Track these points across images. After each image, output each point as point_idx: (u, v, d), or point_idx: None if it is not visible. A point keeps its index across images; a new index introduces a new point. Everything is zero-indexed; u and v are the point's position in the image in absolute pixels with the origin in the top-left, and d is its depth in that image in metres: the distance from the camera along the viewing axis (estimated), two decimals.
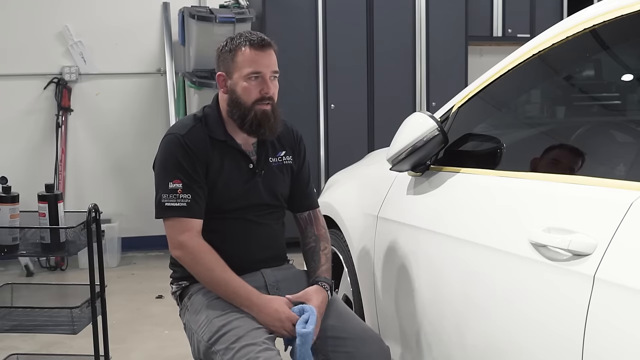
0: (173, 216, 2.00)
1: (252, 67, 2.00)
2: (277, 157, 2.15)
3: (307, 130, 5.00)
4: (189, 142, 2.02)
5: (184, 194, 1.98)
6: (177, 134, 2.04)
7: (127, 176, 5.31)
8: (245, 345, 1.85)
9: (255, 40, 2.01)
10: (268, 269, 2.12)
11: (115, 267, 4.86)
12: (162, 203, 2.00)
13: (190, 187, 1.99)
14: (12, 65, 5.08)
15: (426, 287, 1.93)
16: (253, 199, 2.08)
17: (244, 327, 1.91)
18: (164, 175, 2.01)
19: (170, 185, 1.99)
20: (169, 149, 2.04)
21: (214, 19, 4.75)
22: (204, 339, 1.94)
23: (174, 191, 1.99)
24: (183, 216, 1.99)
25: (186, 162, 2.00)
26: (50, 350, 3.24)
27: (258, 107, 2.02)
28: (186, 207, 1.99)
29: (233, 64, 2.03)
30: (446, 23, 5.25)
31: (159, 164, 2.05)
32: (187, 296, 2.09)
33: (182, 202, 1.98)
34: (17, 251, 2.43)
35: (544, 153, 1.78)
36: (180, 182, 1.99)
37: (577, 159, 1.69)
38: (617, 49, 1.70)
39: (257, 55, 2.00)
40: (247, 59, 2.00)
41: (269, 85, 2.02)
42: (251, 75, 2.01)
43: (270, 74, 2.02)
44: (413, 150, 1.96)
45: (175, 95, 5.22)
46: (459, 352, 1.78)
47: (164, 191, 2.00)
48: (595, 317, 1.29)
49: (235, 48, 2.02)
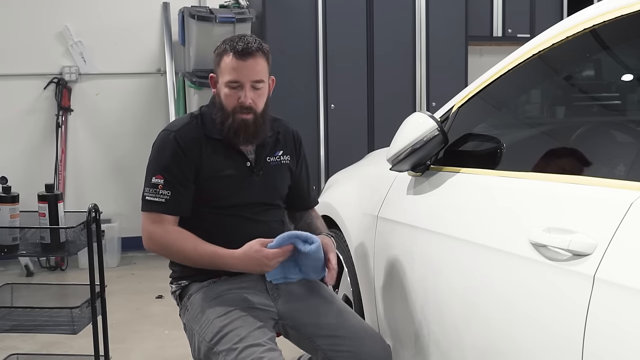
0: (150, 210, 2.05)
1: (231, 76, 2.02)
2: (275, 156, 2.16)
3: (307, 130, 5.00)
4: (180, 140, 2.05)
5: (164, 190, 2.03)
6: (170, 130, 2.09)
7: (127, 176, 5.30)
8: (248, 346, 1.85)
9: (239, 49, 2.00)
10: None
11: (115, 267, 4.87)
12: (143, 196, 2.07)
13: (171, 184, 2.03)
14: (12, 65, 5.08)
15: (426, 287, 1.93)
16: (250, 196, 2.09)
17: (245, 327, 1.91)
18: (151, 170, 2.07)
19: (153, 180, 2.04)
20: (159, 145, 2.08)
21: (214, 19, 4.75)
22: (206, 339, 1.94)
23: (155, 186, 2.04)
24: (159, 211, 2.04)
25: (173, 159, 2.04)
26: (50, 350, 3.24)
27: (238, 116, 2.04)
28: (164, 203, 2.03)
29: (219, 68, 2.06)
30: (446, 23, 5.25)
31: (150, 158, 2.10)
32: (186, 296, 2.09)
33: (161, 197, 2.03)
34: (17, 251, 2.44)
35: (544, 153, 1.78)
36: (162, 178, 2.03)
37: (577, 159, 1.69)
38: (617, 49, 1.70)
39: (238, 64, 2.01)
40: (228, 66, 2.02)
41: (247, 94, 2.02)
42: (230, 84, 2.03)
43: (250, 84, 2.02)
44: (413, 150, 1.96)
45: (175, 95, 5.22)
46: (459, 352, 1.78)
47: (147, 185, 2.06)
48: (595, 317, 1.29)
49: (222, 53, 2.05)
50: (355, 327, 2.05)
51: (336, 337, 2.02)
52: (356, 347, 2.00)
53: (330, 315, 2.06)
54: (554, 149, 1.82)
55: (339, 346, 2.01)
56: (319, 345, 2.03)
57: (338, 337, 2.02)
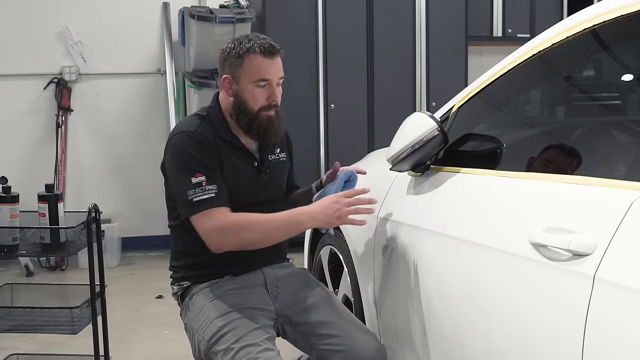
0: (205, 208, 1.94)
1: (262, 75, 2.01)
2: (274, 154, 2.19)
3: (307, 130, 5.01)
4: (202, 139, 2.01)
5: (209, 185, 1.95)
6: (186, 131, 2.02)
7: (127, 176, 5.31)
8: (245, 346, 1.86)
9: (266, 47, 2.00)
10: (268, 267, 2.13)
11: (115, 267, 4.87)
12: (190, 200, 1.95)
13: (212, 178, 1.97)
14: (12, 65, 5.08)
15: (426, 287, 1.93)
16: (261, 195, 2.10)
17: (243, 328, 1.92)
18: (185, 173, 1.97)
19: (194, 180, 1.95)
20: (181, 147, 2.00)
21: (214, 19, 4.75)
22: (205, 338, 1.95)
23: (198, 185, 1.95)
24: (215, 205, 1.95)
25: (203, 156, 1.98)
26: (50, 350, 3.24)
27: (264, 114, 2.03)
28: (215, 197, 1.95)
29: (241, 68, 2.02)
30: (446, 23, 5.25)
31: (175, 164, 2.01)
32: (188, 296, 2.09)
33: (210, 193, 1.95)
34: (17, 251, 2.43)
35: (544, 153, 1.78)
36: (202, 175, 1.96)
37: (577, 159, 1.69)
38: (617, 49, 1.70)
39: (267, 63, 2.01)
40: (256, 65, 2.00)
41: (276, 92, 2.04)
42: (260, 82, 2.01)
43: (277, 81, 2.04)
44: (413, 150, 1.96)
45: (175, 95, 5.22)
46: (459, 352, 1.77)
47: (189, 188, 1.95)
48: (595, 317, 1.29)
49: (245, 53, 2.01)
50: (350, 326, 2.06)
51: (331, 336, 2.02)
52: (350, 346, 2.00)
53: (326, 314, 2.07)
54: (554, 149, 1.82)
55: (333, 345, 2.01)
56: (314, 344, 2.04)
57: (333, 336, 2.02)
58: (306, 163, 4.99)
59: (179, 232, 2.11)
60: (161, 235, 5.03)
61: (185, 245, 2.10)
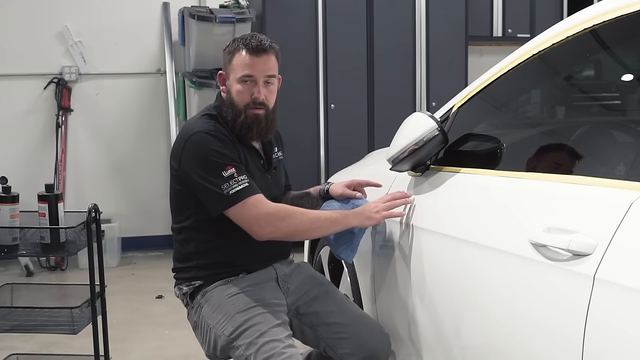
0: (243, 198, 1.94)
1: (245, 71, 2.03)
2: (274, 153, 2.22)
3: (307, 130, 5.01)
4: (221, 135, 2.02)
5: (240, 176, 1.96)
6: (204, 130, 2.01)
7: (127, 176, 5.31)
8: (269, 341, 1.90)
9: (252, 45, 2.03)
10: (277, 263, 2.17)
11: (115, 267, 4.87)
12: (226, 194, 1.94)
13: (241, 169, 1.99)
14: (12, 65, 5.09)
15: (426, 287, 1.93)
16: (268, 194, 2.10)
17: (266, 323, 1.95)
18: (214, 169, 1.96)
19: (225, 174, 1.95)
20: (203, 145, 1.99)
21: (214, 19, 4.75)
22: (225, 333, 1.97)
23: (231, 177, 1.95)
24: (252, 194, 1.96)
25: (227, 150, 2.00)
26: (50, 350, 3.25)
27: (250, 111, 2.05)
28: (249, 186, 1.96)
29: (230, 65, 2.07)
30: (446, 23, 5.25)
31: (200, 163, 1.99)
32: (200, 294, 2.08)
33: (244, 183, 1.96)
34: (17, 251, 2.43)
35: (544, 153, 1.78)
36: (232, 167, 1.96)
37: (577, 159, 1.69)
38: (617, 49, 1.70)
39: (252, 60, 2.03)
40: (242, 62, 2.03)
41: (260, 90, 2.04)
42: (244, 79, 2.04)
43: (263, 79, 2.04)
44: (413, 150, 1.96)
45: (175, 95, 5.22)
46: (458, 352, 1.78)
47: (222, 182, 1.94)
48: (595, 317, 1.29)
49: (234, 50, 2.06)
50: (355, 315, 2.13)
51: (336, 325, 2.09)
52: (356, 334, 2.07)
53: (331, 304, 2.13)
54: (554, 149, 1.82)
55: (339, 333, 2.07)
56: (321, 334, 2.10)
57: (338, 324, 2.09)
58: (306, 163, 4.99)
59: (190, 233, 2.10)
60: (161, 235, 5.05)
61: (198, 246, 2.09)
